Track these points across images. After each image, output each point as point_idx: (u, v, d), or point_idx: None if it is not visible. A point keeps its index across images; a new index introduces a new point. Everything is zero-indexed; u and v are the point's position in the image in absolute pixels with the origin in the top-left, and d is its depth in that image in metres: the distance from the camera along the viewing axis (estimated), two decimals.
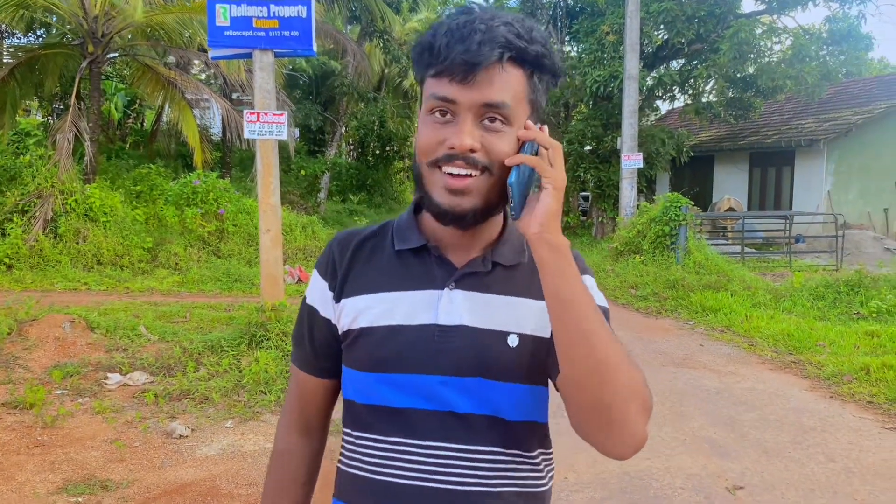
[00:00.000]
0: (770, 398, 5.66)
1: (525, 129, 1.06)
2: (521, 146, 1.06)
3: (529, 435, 1.16)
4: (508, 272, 1.16)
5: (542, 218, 1.01)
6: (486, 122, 1.04)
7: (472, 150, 1.03)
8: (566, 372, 1.00)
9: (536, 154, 1.04)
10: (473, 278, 1.14)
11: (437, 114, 1.06)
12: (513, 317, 1.13)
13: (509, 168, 1.04)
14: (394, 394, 1.13)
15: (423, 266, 1.16)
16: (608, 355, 0.96)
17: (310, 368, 1.26)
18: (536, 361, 1.12)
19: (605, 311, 1.10)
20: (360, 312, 1.16)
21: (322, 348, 1.23)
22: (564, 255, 1.00)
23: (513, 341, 1.11)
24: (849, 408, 5.45)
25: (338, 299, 1.19)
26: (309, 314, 1.24)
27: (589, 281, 1.13)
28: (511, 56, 1.03)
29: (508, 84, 1.04)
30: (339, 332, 1.20)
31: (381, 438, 1.14)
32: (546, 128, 1.08)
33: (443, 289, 1.14)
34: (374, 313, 1.14)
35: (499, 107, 1.03)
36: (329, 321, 1.21)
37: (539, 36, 1.06)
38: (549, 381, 1.14)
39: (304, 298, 1.26)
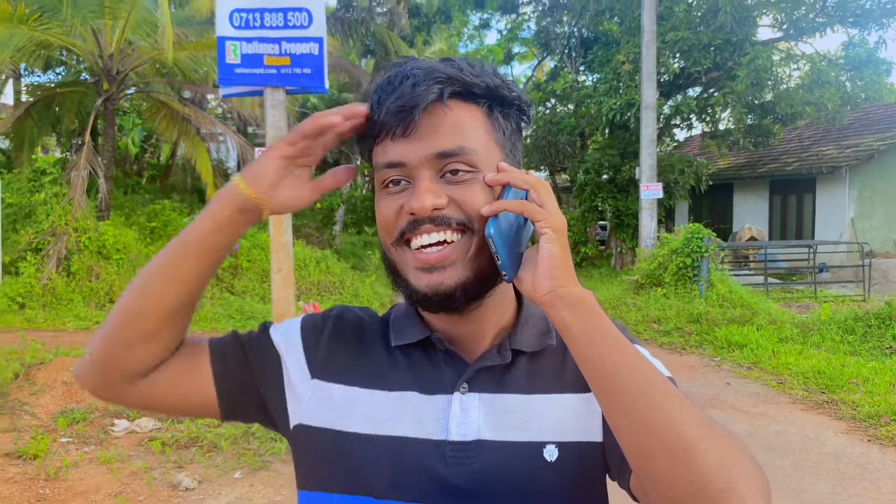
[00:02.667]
0: (804, 442, 5.38)
1: (498, 171, 0.85)
2: (500, 194, 0.85)
3: None
4: (534, 362, 0.91)
5: (548, 271, 0.79)
6: (448, 174, 0.83)
7: (438, 209, 0.82)
8: (639, 466, 0.73)
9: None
10: (489, 375, 0.89)
11: (391, 185, 0.85)
12: (547, 421, 0.87)
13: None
14: None
15: (429, 363, 0.92)
16: (689, 428, 0.69)
17: (216, 366, 0.97)
18: (589, 475, 0.87)
19: (672, 382, 0.81)
20: (341, 409, 0.90)
21: (237, 380, 0.96)
22: (591, 307, 0.77)
23: (551, 454, 0.85)
24: (889, 453, 5.16)
25: (313, 374, 0.94)
26: (261, 344, 0.98)
27: (641, 351, 0.86)
28: (455, 91, 0.83)
29: (460, 125, 0.83)
30: (290, 421, 0.93)
31: None
32: (532, 172, 0.86)
33: (452, 392, 0.88)
34: (362, 415, 0.89)
35: (456, 154, 0.82)
36: (281, 386, 0.94)
37: (489, 69, 0.86)
38: (623, 487, 0.85)
39: (266, 329, 1.00)
